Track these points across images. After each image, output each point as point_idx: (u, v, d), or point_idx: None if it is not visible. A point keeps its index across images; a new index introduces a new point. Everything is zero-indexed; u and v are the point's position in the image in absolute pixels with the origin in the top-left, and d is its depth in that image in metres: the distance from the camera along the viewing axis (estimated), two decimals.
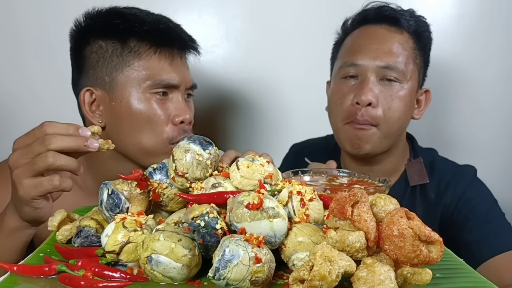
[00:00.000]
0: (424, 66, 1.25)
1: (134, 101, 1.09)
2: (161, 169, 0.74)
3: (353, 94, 1.17)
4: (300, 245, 0.62)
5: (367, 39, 1.19)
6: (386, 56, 1.16)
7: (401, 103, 1.16)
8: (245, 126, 1.68)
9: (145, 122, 1.09)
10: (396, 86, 1.16)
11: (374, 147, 1.18)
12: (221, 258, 0.56)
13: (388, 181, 0.86)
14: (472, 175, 1.25)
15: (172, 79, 1.11)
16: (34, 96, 1.61)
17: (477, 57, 1.62)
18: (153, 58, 1.10)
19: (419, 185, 1.23)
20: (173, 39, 1.13)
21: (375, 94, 1.14)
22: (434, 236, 0.55)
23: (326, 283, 0.53)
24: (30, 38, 1.58)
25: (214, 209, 0.63)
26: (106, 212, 0.69)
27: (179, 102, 1.13)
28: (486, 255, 1.08)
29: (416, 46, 1.20)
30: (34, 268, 0.62)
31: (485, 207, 1.17)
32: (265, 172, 0.70)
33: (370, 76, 1.16)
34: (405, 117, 1.19)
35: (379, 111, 1.15)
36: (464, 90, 1.64)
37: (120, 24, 1.10)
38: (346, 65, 1.20)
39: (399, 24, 1.19)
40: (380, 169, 1.25)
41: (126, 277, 0.61)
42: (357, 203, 0.58)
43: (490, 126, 1.65)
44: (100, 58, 1.10)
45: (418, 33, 1.20)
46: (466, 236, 1.14)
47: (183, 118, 1.11)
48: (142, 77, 1.09)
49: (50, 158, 0.76)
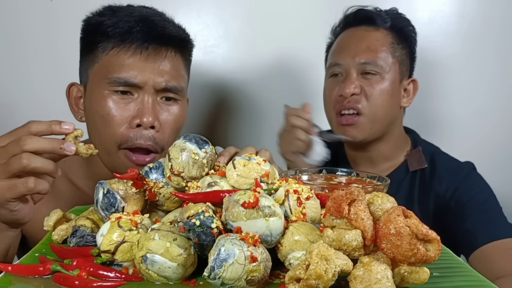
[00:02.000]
0: (409, 58, 1.35)
1: (93, 99, 1.05)
2: (157, 168, 0.74)
3: (338, 87, 1.30)
4: (297, 244, 0.62)
5: (348, 40, 1.34)
6: (364, 53, 1.29)
7: (382, 91, 1.28)
8: (244, 125, 1.68)
9: (100, 121, 1.03)
10: (376, 78, 1.28)
11: (364, 134, 1.30)
12: (216, 257, 0.56)
13: (387, 180, 0.85)
14: (470, 168, 1.31)
15: (132, 78, 1.02)
16: (33, 96, 1.61)
17: (476, 56, 1.61)
18: (118, 55, 1.03)
19: (420, 170, 1.31)
20: (145, 36, 1.04)
21: (357, 85, 1.28)
22: (432, 234, 0.55)
23: (322, 282, 0.52)
24: (29, 38, 1.58)
25: (209, 208, 0.63)
26: (102, 212, 0.69)
27: (142, 103, 1.03)
28: (479, 243, 1.12)
29: (395, 40, 1.32)
30: (28, 268, 0.62)
31: (483, 197, 1.22)
32: (262, 171, 0.69)
33: (352, 72, 1.29)
34: (388, 104, 1.30)
35: (363, 99, 1.28)
36: (463, 88, 1.64)
37: (93, 19, 1.09)
38: (332, 65, 1.35)
39: (375, 23, 1.32)
40: (377, 154, 1.36)
41: (121, 277, 0.60)
42: (354, 202, 0.58)
43: (490, 123, 1.65)
44: (82, 54, 1.11)
45: (396, 28, 1.33)
46: (461, 225, 1.19)
47: (140, 121, 1.02)
48: (105, 74, 1.03)
49: (25, 159, 0.72)
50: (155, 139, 1.04)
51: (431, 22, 1.61)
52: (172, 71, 1.08)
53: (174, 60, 1.08)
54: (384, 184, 0.83)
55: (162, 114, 1.06)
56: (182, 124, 1.13)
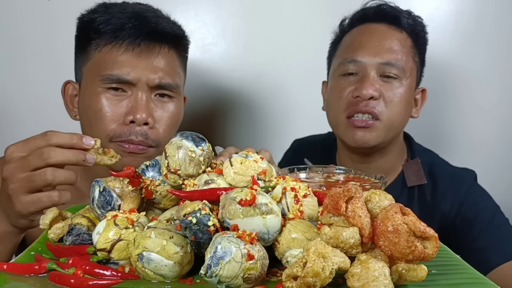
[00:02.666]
0: (421, 65, 1.26)
1: (86, 96, 1.06)
2: (154, 166, 0.73)
3: (353, 87, 1.18)
4: (294, 241, 0.61)
5: (368, 36, 1.21)
6: (386, 53, 1.17)
7: (401, 98, 1.18)
8: (243, 124, 1.67)
9: (92, 118, 1.04)
10: (396, 82, 1.18)
11: (378, 140, 1.18)
12: (213, 255, 0.55)
13: (384, 178, 0.85)
14: (472, 180, 1.24)
15: (125, 75, 1.03)
16: (30, 95, 1.60)
17: (475, 55, 1.61)
18: (110, 52, 1.04)
19: (417, 186, 1.23)
20: (137, 32, 1.04)
21: (377, 88, 1.16)
22: (429, 231, 0.55)
23: (319, 279, 0.52)
24: (26, 37, 1.57)
25: (206, 205, 0.62)
26: (98, 210, 0.68)
27: (135, 100, 1.04)
28: (494, 263, 1.08)
29: (413, 44, 1.22)
30: (24, 267, 0.61)
31: (490, 213, 1.16)
32: (259, 169, 0.69)
33: (370, 72, 1.17)
34: (405, 112, 1.21)
35: (381, 104, 1.16)
36: (461, 88, 1.64)
37: (86, 17, 1.09)
38: (346, 62, 1.21)
39: (399, 22, 1.20)
40: (376, 167, 1.24)
41: (117, 275, 0.60)
42: (352, 199, 0.58)
43: (488, 124, 1.65)
44: (77, 52, 1.12)
45: (415, 32, 1.23)
46: (471, 243, 1.13)
47: (133, 118, 1.02)
48: (96, 71, 1.04)
49: (50, 176, 0.75)
50: (147, 135, 1.05)
51: (429, 20, 1.59)
52: (167, 67, 1.07)
53: (168, 56, 1.08)
54: (381, 182, 0.83)
55: (157, 111, 1.06)
56: (178, 121, 1.13)
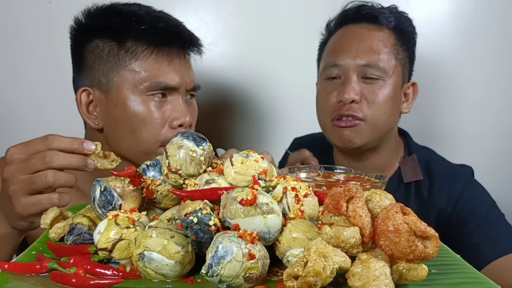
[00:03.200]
0: (409, 60, 1.27)
1: (129, 104, 1.05)
2: (155, 165, 0.73)
3: (337, 91, 1.20)
4: (295, 241, 0.61)
5: (348, 39, 1.22)
6: (366, 54, 1.18)
7: (385, 98, 1.19)
8: (242, 123, 1.68)
9: (140, 125, 1.06)
10: (379, 82, 1.18)
11: (364, 140, 1.20)
12: (214, 255, 0.55)
13: (385, 178, 0.85)
14: (468, 176, 1.25)
15: (171, 81, 1.07)
16: (29, 98, 1.60)
17: (474, 54, 1.61)
18: (150, 59, 1.06)
19: (414, 182, 1.23)
20: (172, 39, 1.08)
21: (357, 91, 1.17)
22: (430, 231, 0.55)
23: (320, 279, 0.52)
24: (26, 39, 1.57)
25: (207, 205, 0.62)
26: (99, 209, 0.68)
27: (178, 104, 1.08)
28: (490, 258, 1.08)
29: (397, 42, 1.22)
30: (25, 266, 0.61)
31: (485, 208, 1.17)
32: (260, 168, 0.69)
33: (352, 75, 1.18)
34: (391, 111, 1.21)
35: (364, 107, 1.18)
36: (461, 86, 1.63)
37: (116, 23, 1.07)
38: (329, 66, 1.23)
39: (378, 21, 1.22)
40: (371, 165, 1.26)
41: (118, 275, 0.60)
42: (352, 199, 0.58)
43: (488, 122, 1.65)
44: (96, 58, 1.08)
45: (399, 28, 1.23)
46: (467, 239, 1.14)
47: (182, 122, 1.07)
48: (139, 79, 1.05)
49: (51, 178, 0.75)
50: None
51: (429, 20, 1.61)
52: (190, 71, 1.15)
53: (190, 60, 1.17)
54: (382, 182, 0.83)
55: (190, 112, 1.13)
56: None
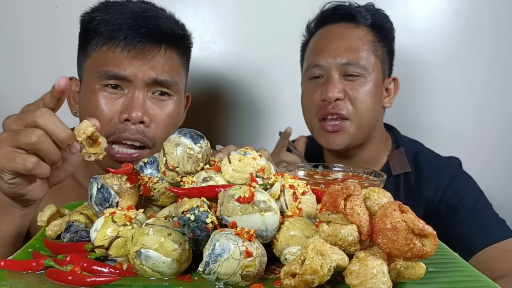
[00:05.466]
0: (388, 56, 1.30)
1: (84, 94, 1.06)
2: (152, 163, 0.73)
3: (320, 90, 1.22)
4: (292, 239, 0.61)
5: (328, 39, 1.25)
6: (346, 53, 1.21)
7: (367, 94, 1.21)
8: (241, 121, 1.67)
9: (90, 115, 1.00)
10: (360, 79, 1.22)
11: (351, 139, 1.23)
12: (211, 252, 0.55)
13: (383, 176, 0.85)
14: (456, 166, 1.28)
15: (121, 71, 1.02)
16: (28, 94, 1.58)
17: (473, 52, 1.61)
18: (109, 50, 1.04)
19: (403, 175, 1.26)
20: (134, 33, 1.03)
21: (340, 89, 1.20)
22: (428, 229, 0.54)
23: (318, 277, 0.52)
24: (25, 35, 1.56)
25: (204, 202, 0.62)
26: (96, 207, 0.68)
27: (132, 98, 1.03)
28: (477, 247, 1.11)
29: (376, 38, 1.25)
30: (21, 263, 0.61)
31: (472, 198, 1.19)
32: (257, 166, 0.69)
33: (333, 74, 1.21)
34: (374, 107, 1.24)
35: (348, 104, 1.21)
36: (459, 84, 1.63)
37: (87, 15, 1.10)
38: (311, 67, 1.26)
39: (356, 20, 1.25)
40: (360, 160, 1.29)
41: (115, 272, 0.60)
42: (350, 197, 0.57)
43: (485, 120, 1.64)
44: (79, 50, 1.13)
45: (376, 25, 1.26)
46: (456, 228, 1.17)
47: (128, 115, 1.02)
48: (94, 68, 1.05)
49: (34, 137, 0.70)
50: (144, 133, 1.04)
51: (428, 18, 1.61)
52: (165, 66, 1.07)
53: (166, 56, 1.08)
54: (380, 180, 0.83)
55: (153, 109, 1.06)
56: (177, 120, 1.13)
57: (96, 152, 0.74)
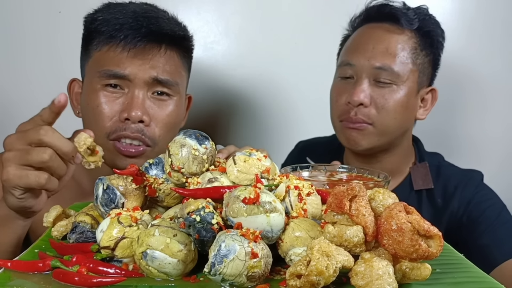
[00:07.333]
0: (431, 66, 1.22)
1: (86, 93, 1.08)
2: (157, 164, 0.73)
3: (347, 93, 1.17)
4: (298, 240, 0.61)
5: (365, 39, 1.19)
6: (381, 56, 1.14)
7: (396, 104, 1.15)
8: (244, 122, 1.67)
9: (90, 115, 1.06)
10: (391, 87, 1.15)
11: (371, 143, 1.18)
12: (217, 253, 0.55)
13: (388, 177, 0.85)
14: (479, 180, 1.24)
15: (121, 70, 1.03)
16: (31, 95, 1.59)
17: (479, 53, 1.61)
18: (110, 50, 1.05)
19: (425, 190, 1.22)
20: (135, 33, 1.04)
21: (367, 94, 1.14)
22: (433, 230, 0.54)
23: (323, 278, 0.52)
24: (28, 36, 1.57)
25: (210, 203, 0.62)
26: (101, 208, 0.68)
27: (132, 97, 1.05)
28: (499, 259, 1.08)
29: (418, 45, 1.17)
30: (28, 264, 0.61)
31: (495, 210, 1.16)
32: (262, 167, 0.69)
33: (364, 77, 1.15)
34: (402, 117, 1.18)
35: (372, 110, 1.15)
36: (466, 86, 1.63)
37: (90, 16, 1.11)
38: (343, 64, 1.21)
39: (399, 22, 1.17)
40: (381, 168, 1.21)
41: (121, 273, 0.60)
42: (355, 197, 0.57)
43: (495, 123, 1.63)
44: (81, 51, 1.14)
45: (422, 31, 1.18)
46: (477, 240, 1.13)
47: (127, 115, 1.03)
48: (95, 68, 1.06)
49: (47, 156, 0.73)
50: (144, 132, 1.05)
51: None
52: (166, 66, 1.08)
53: (167, 56, 1.09)
54: (385, 180, 0.83)
55: (153, 109, 1.07)
56: (177, 120, 1.14)
57: (95, 160, 0.78)
